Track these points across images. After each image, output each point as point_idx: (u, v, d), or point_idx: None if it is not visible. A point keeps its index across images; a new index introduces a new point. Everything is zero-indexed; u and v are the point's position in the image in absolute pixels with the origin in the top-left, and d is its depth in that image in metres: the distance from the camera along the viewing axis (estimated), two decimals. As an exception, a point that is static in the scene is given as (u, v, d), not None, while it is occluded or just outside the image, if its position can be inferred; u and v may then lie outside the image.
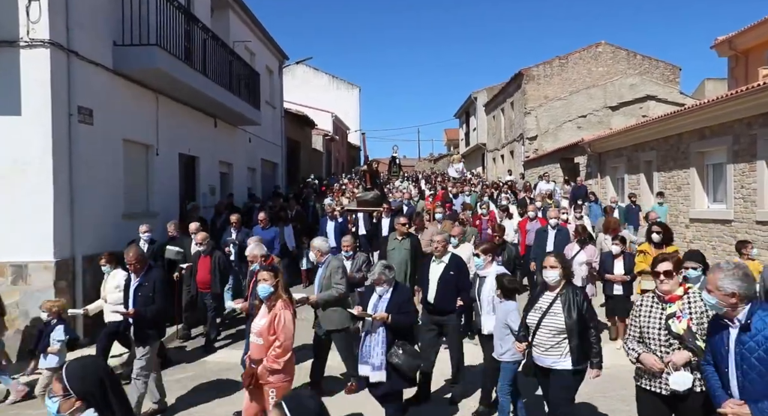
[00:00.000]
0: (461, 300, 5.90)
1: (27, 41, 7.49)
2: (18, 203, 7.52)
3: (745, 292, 3.01)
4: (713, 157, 11.80)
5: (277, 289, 4.46)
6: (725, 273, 3.06)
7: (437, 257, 6.02)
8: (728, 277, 3.04)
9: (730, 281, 3.02)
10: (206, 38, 11.82)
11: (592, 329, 4.30)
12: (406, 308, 4.87)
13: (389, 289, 4.88)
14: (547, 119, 23.81)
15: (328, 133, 33.30)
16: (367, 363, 4.74)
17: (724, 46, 16.85)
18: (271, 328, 4.35)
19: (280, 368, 4.33)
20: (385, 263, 5.07)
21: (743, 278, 3.04)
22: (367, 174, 12.11)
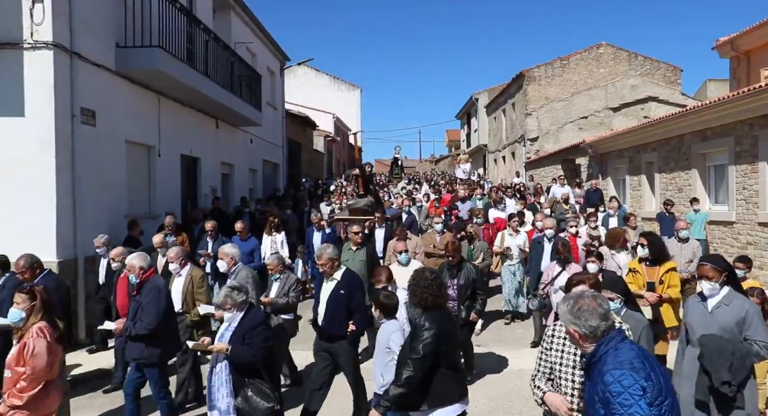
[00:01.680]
0: (353, 324, 5.11)
1: (30, 43, 7.52)
2: (21, 204, 7.54)
3: (584, 331, 2.56)
4: (715, 158, 11.79)
5: (31, 314, 3.87)
6: (578, 306, 2.61)
7: (328, 274, 5.25)
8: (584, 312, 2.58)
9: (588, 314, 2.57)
10: (208, 40, 11.85)
11: None
12: (252, 338, 4.10)
13: (239, 315, 4.20)
14: (548, 120, 23.82)
15: (329, 134, 33.33)
16: (214, 408, 4.13)
17: (726, 47, 16.85)
18: (19, 358, 3.79)
19: (22, 404, 3.74)
20: (234, 285, 4.35)
21: (598, 301, 2.63)
22: (359, 179, 10.61)
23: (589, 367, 2.58)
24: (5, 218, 7.53)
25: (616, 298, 3.91)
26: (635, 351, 2.51)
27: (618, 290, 3.97)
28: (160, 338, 4.88)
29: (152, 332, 4.85)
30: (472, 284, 6.34)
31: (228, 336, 4.17)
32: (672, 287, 5.51)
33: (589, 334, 2.54)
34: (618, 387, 2.35)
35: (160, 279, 5.25)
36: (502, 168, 29.58)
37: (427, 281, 3.88)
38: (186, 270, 5.90)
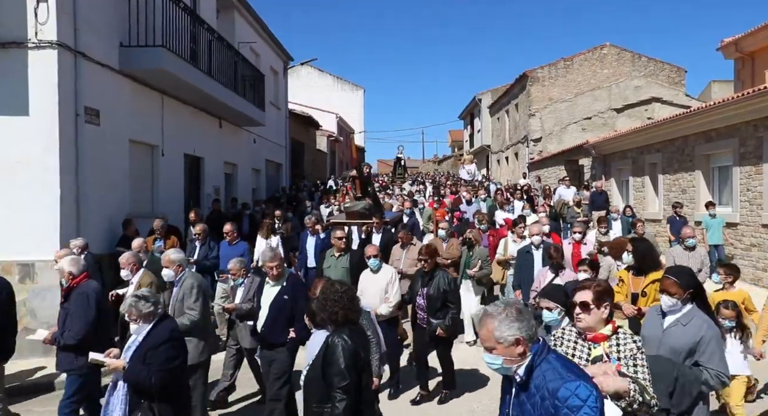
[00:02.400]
0: (294, 332, 4.83)
1: (35, 42, 7.54)
2: (25, 203, 7.56)
3: (528, 333, 2.36)
4: (719, 159, 11.76)
5: None
6: (499, 319, 2.36)
7: (271, 278, 5.05)
8: (504, 322, 2.36)
9: (507, 327, 2.35)
10: (212, 39, 11.87)
11: None
12: (153, 357, 3.59)
13: (146, 327, 3.72)
14: (551, 121, 23.78)
15: (332, 134, 33.35)
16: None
17: (731, 48, 16.80)
18: None
19: None
20: (140, 293, 3.87)
21: (519, 316, 2.38)
22: (357, 180, 9.88)
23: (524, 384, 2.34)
24: (9, 217, 7.55)
25: (554, 308, 3.67)
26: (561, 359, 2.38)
27: (557, 300, 3.71)
28: (92, 348, 4.21)
29: (80, 342, 4.52)
30: (443, 296, 5.77)
31: (132, 351, 3.69)
32: (657, 300, 4.77)
33: (533, 336, 2.37)
34: (576, 400, 2.20)
35: (91, 285, 4.91)
36: (505, 169, 29.56)
37: (338, 294, 3.50)
38: (137, 277, 5.53)
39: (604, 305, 2.95)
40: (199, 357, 4.97)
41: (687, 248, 7.43)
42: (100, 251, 8.12)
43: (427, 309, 5.82)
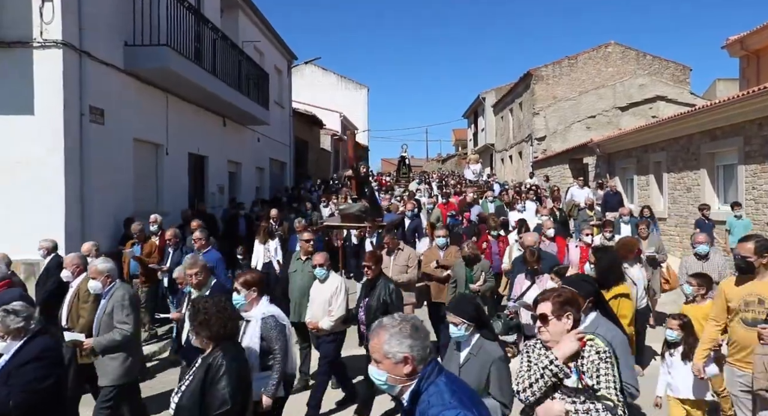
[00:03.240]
0: None
1: (40, 42, 7.58)
2: (29, 202, 7.60)
3: (419, 353, 2.16)
4: (724, 158, 11.71)
5: None
6: (391, 332, 2.17)
7: (193, 287, 4.72)
8: (396, 336, 2.16)
9: (398, 342, 2.15)
10: (216, 38, 11.89)
11: None
12: (17, 377, 3.23)
13: (15, 344, 3.36)
14: (555, 120, 23.73)
15: (336, 133, 33.36)
16: None
17: (736, 46, 16.71)
18: None
19: None
20: (10, 307, 3.51)
21: (414, 334, 2.17)
22: (352, 181, 9.33)
23: (409, 409, 2.18)
24: (14, 216, 7.59)
25: (460, 323, 3.32)
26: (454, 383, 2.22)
27: (463, 314, 3.33)
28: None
29: None
30: (383, 307, 5.11)
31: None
32: (621, 317, 4.36)
33: (425, 357, 2.18)
34: None
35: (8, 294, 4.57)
36: (509, 168, 29.52)
37: (219, 306, 3.14)
38: (78, 281, 5.13)
39: (566, 316, 2.76)
40: (126, 375, 4.59)
41: (700, 258, 6.64)
42: (105, 249, 8.14)
43: (366, 322, 5.22)
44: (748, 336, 3.87)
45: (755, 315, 3.89)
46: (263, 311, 4.01)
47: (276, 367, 3.91)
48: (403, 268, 6.87)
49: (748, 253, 3.91)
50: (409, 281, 6.93)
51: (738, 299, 3.99)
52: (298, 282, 6.31)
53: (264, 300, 4.09)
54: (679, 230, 12.94)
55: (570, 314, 2.77)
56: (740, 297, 3.98)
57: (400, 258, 7.00)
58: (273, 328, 3.92)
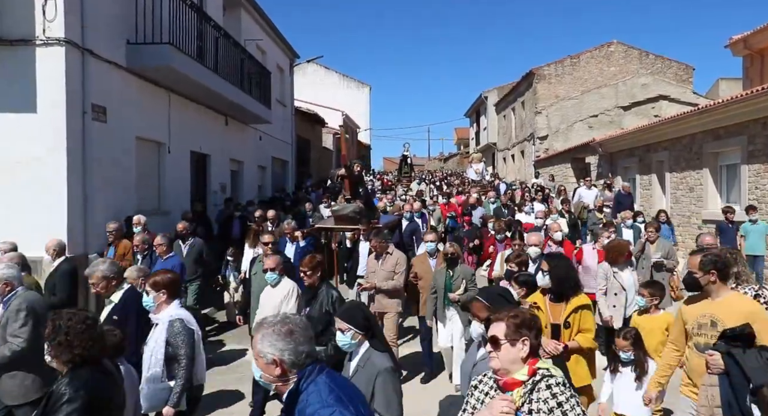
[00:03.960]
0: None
1: (43, 39, 7.57)
2: (32, 200, 7.60)
3: (291, 358, 2.13)
4: (727, 157, 11.69)
5: None
6: (265, 332, 2.17)
7: (103, 295, 4.39)
8: (269, 337, 2.15)
9: (269, 343, 2.14)
10: (218, 37, 11.89)
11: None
12: None
13: None
14: (557, 119, 23.70)
15: (338, 131, 33.34)
16: None
17: (739, 46, 16.67)
18: None
19: None
20: None
21: (287, 337, 2.14)
22: (346, 181, 8.76)
23: (288, 409, 2.16)
24: (16, 214, 7.58)
25: (347, 330, 3.14)
26: (335, 381, 2.19)
27: (351, 321, 3.15)
28: None
29: None
30: (326, 318, 4.58)
31: None
32: (583, 331, 4.14)
33: (297, 361, 2.15)
34: None
35: None
36: (511, 167, 29.49)
37: (85, 323, 2.76)
38: None
39: (521, 341, 2.32)
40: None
41: None
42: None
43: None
44: (700, 364, 3.36)
45: (707, 340, 3.44)
46: (171, 314, 3.78)
47: (180, 375, 3.69)
48: (390, 274, 6.41)
49: (694, 268, 3.51)
50: (394, 288, 6.38)
51: (692, 320, 3.56)
52: (256, 287, 6.01)
53: (174, 303, 3.87)
54: (682, 231, 12.92)
55: (526, 339, 2.33)
56: (694, 319, 3.55)
57: (387, 263, 6.50)
58: (179, 333, 3.70)
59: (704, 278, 3.45)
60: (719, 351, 3.16)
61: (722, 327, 3.32)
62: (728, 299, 3.45)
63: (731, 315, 3.31)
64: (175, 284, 3.97)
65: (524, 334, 2.34)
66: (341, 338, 3.17)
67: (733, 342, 3.11)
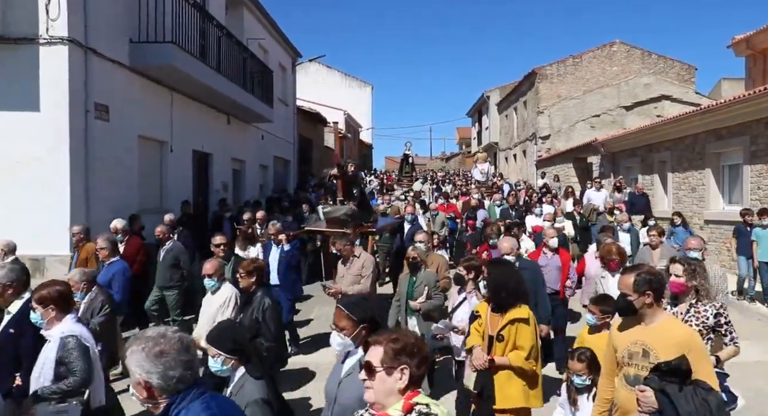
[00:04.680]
0: (19, 378, 3.66)
1: (46, 38, 7.61)
2: (35, 198, 7.63)
3: (160, 383, 1.95)
4: (729, 157, 11.68)
5: None
6: (135, 349, 1.97)
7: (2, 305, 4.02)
8: (138, 354, 1.96)
9: (136, 362, 1.95)
10: (221, 36, 11.90)
11: None
12: None
13: None
14: (560, 119, 23.68)
15: (340, 131, 33.36)
16: None
17: (742, 46, 16.63)
18: None
19: None
20: None
21: (157, 359, 1.95)
22: (339, 181, 8.29)
23: None
24: (20, 212, 7.62)
25: (217, 356, 2.91)
26: (213, 401, 2.02)
27: (222, 346, 2.89)
28: None
29: None
30: (256, 325, 4.34)
31: None
32: (517, 348, 3.72)
33: (166, 387, 1.94)
34: None
35: None
36: (513, 166, 29.48)
37: None
38: None
39: (400, 369, 1.96)
40: None
41: None
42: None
43: None
44: (630, 399, 2.91)
45: (637, 371, 2.97)
46: (63, 330, 3.44)
47: (69, 381, 3.34)
48: (356, 278, 6.05)
49: (627, 289, 3.01)
50: (360, 292, 5.95)
51: (623, 348, 3.07)
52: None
53: (68, 318, 3.52)
54: (684, 230, 12.89)
55: (406, 367, 1.96)
56: (625, 346, 3.06)
57: (354, 267, 6.18)
58: (73, 350, 3.37)
59: (639, 301, 2.98)
60: (651, 387, 2.70)
61: (655, 357, 2.89)
62: (663, 325, 2.99)
63: (665, 344, 2.88)
64: (65, 297, 3.59)
65: (403, 361, 1.97)
66: (212, 364, 2.94)
67: (667, 377, 2.67)
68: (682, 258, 3.80)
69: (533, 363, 3.75)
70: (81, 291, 4.75)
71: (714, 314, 3.58)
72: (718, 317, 3.58)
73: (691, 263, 3.70)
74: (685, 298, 3.67)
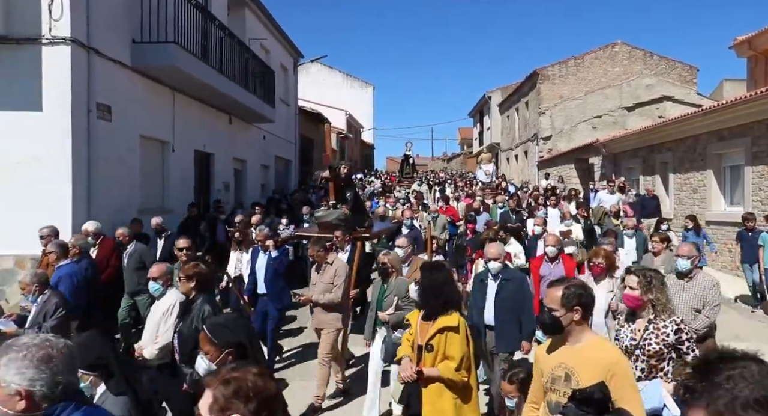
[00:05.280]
0: None
1: (49, 38, 7.62)
2: (38, 198, 7.65)
3: (43, 390, 1.78)
4: (731, 158, 11.67)
5: None
6: (11, 357, 1.79)
7: None
8: (17, 362, 1.78)
9: (16, 369, 1.77)
10: (222, 36, 11.92)
11: None
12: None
13: None
14: (561, 119, 23.67)
15: (341, 131, 33.38)
16: None
17: (744, 47, 16.61)
18: None
19: None
20: None
21: (43, 364, 1.79)
22: (331, 184, 7.80)
23: None
24: (22, 212, 7.63)
25: (87, 377, 2.65)
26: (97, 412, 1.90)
27: (84, 363, 2.52)
28: None
29: None
30: (195, 334, 3.79)
31: None
32: (448, 358, 3.49)
33: (50, 395, 1.79)
34: None
35: None
36: (514, 167, 29.47)
37: None
38: None
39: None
40: None
41: (681, 276, 4.79)
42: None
43: (180, 352, 3.97)
44: None
45: (558, 398, 2.68)
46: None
47: None
48: (328, 286, 5.70)
49: (554, 304, 2.73)
50: (331, 301, 5.65)
51: (547, 372, 2.79)
52: None
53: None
54: (685, 231, 12.88)
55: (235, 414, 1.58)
56: (550, 370, 2.78)
57: (326, 274, 5.79)
58: None
59: (566, 317, 2.70)
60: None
61: (576, 381, 2.61)
62: (588, 345, 2.71)
63: (588, 367, 2.60)
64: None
65: (233, 407, 1.58)
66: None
67: (583, 407, 2.40)
68: (638, 269, 3.45)
69: (464, 374, 3.50)
70: (33, 294, 4.67)
71: (674, 330, 3.26)
72: (678, 333, 3.25)
73: (646, 274, 3.36)
74: (642, 313, 3.36)
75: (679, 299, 4.59)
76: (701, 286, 4.71)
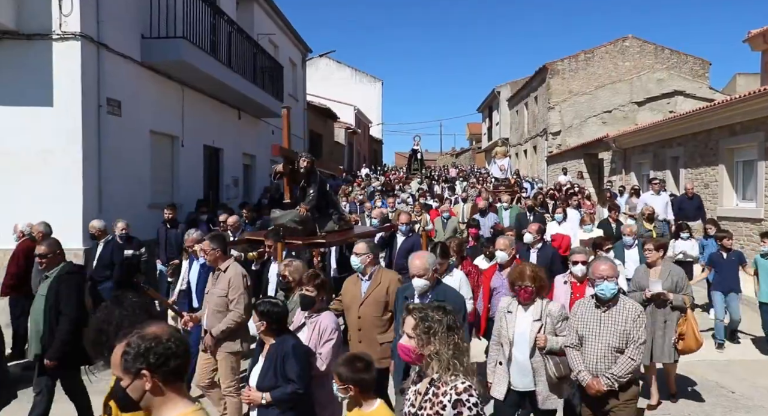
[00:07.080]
0: None
1: (59, 34, 7.67)
2: (48, 192, 7.71)
3: None
4: (743, 153, 11.54)
5: None
6: None
7: None
8: None
9: None
10: (231, 31, 11.94)
11: None
12: None
13: None
14: (571, 114, 23.51)
15: (350, 126, 33.35)
16: None
17: (758, 40, 16.35)
18: None
19: None
20: None
21: None
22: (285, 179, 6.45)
23: None
24: (33, 206, 7.69)
25: None
26: None
27: None
28: None
29: None
30: None
31: None
32: None
33: None
34: None
35: None
36: (523, 162, 29.35)
37: None
38: None
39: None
40: None
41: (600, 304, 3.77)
42: (122, 240, 8.24)
43: None
44: None
45: None
46: None
47: None
48: (222, 299, 4.58)
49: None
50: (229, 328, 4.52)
51: None
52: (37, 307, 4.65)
53: None
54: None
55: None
56: None
57: (220, 283, 4.68)
58: None
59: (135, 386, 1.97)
60: None
61: None
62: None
63: None
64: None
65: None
66: None
67: None
68: (417, 308, 2.42)
69: None
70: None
71: (453, 401, 2.23)
72: (458, 406, 2.22)
73: (427, 317, 2.33)
74: (427, 371, 2.36)
75: (596, 336, 3.66)
76: (623, 318, 3.63)
